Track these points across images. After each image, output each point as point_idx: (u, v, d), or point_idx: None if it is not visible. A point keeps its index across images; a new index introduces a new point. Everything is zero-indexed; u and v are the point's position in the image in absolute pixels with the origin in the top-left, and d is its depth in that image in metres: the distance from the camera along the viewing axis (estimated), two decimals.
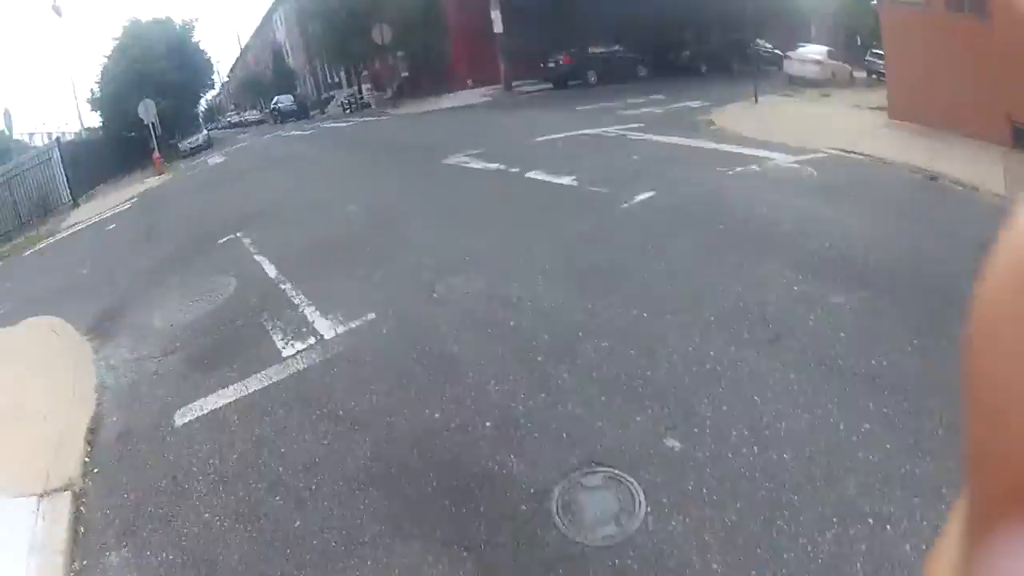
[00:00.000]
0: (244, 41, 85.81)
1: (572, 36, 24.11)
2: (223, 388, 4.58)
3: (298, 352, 4.85)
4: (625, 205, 6.85)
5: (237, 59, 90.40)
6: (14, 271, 15.19)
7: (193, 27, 45.61)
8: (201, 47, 46.74)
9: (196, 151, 36.13)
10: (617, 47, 24.95)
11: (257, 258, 7.49)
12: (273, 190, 12.07)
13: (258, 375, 4.65)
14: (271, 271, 6.87)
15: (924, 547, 2.41)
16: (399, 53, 35.74)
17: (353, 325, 5.03)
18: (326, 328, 5.10)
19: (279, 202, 10.60)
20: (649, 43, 25.58)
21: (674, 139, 10.40)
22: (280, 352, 4.92)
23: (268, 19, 69.00)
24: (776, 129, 10.10)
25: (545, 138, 11.77)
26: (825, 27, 42.39)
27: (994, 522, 0.21)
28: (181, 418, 4.30)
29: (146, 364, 5.40)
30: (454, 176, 9.54)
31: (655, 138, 10.67)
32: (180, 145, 37.62)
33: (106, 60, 41.67)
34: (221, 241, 8.90)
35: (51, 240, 17.87)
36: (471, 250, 5.95)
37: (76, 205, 24.62)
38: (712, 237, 5.77)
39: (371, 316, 5.09)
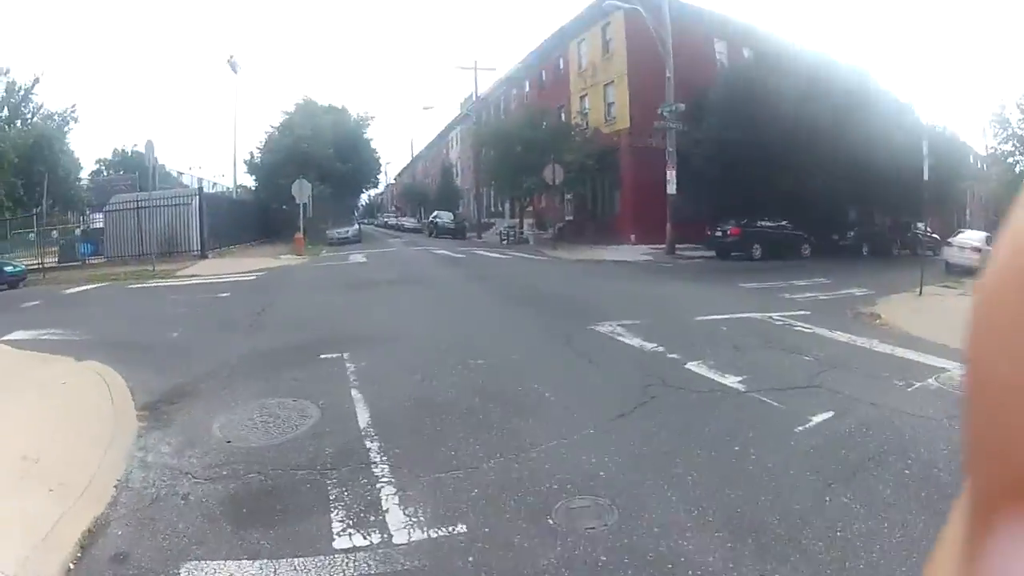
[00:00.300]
0: (417, 150, 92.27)
1: (740, 206, 24.68)
2: (247, 560, 3.79)
3: (354, 549, 3.95)
4: (800, 428, 5.67)
5: (407, 165, 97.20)
6: (105, 298, 15.79)
7: (368, 123, 49.13)
8: (372, 145, 50.07)
9: (344, 242, 37.90)
10: (784, 223, 25.66)
11: (354, 393, 6.86)
12: (400, 313, 11.76)
13: (293, 562, 3.79)
14: (363, 416, 6.15)
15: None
16: (567, 195, 37.02)
17: (434, 535, 4.09)
18: (399, 526, 4.19)
19: (402, 330, 10.16)
20: (814, 221, 26.25)
21: (843, 336, 9.61)
22: (332, 539, 4.06)
23: (444, 135, 73.98)
24: (944, 328, 9.25)
25: (708, 318, 10.92)
26: (979, 211, 41.64)
27: (995, 517, 0.22)
28: (187, 574, 3.65)
29: (182, 481, 4.82)
30: (603, 350, 8.64)
31: (824, 333, 9.80)
32: (329, 232, 39.42)
33: (272, 130, 45.04)
34: (324, 356, 8.53)
35: (160, 283, 18.58)
36: (606, 467, 4.92)
37: (203, 257, 25.82)
38: (902, 489, 4.52)
39: (461, 529, 4.14)
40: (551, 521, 4.18)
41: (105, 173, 50.31)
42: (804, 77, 24.23)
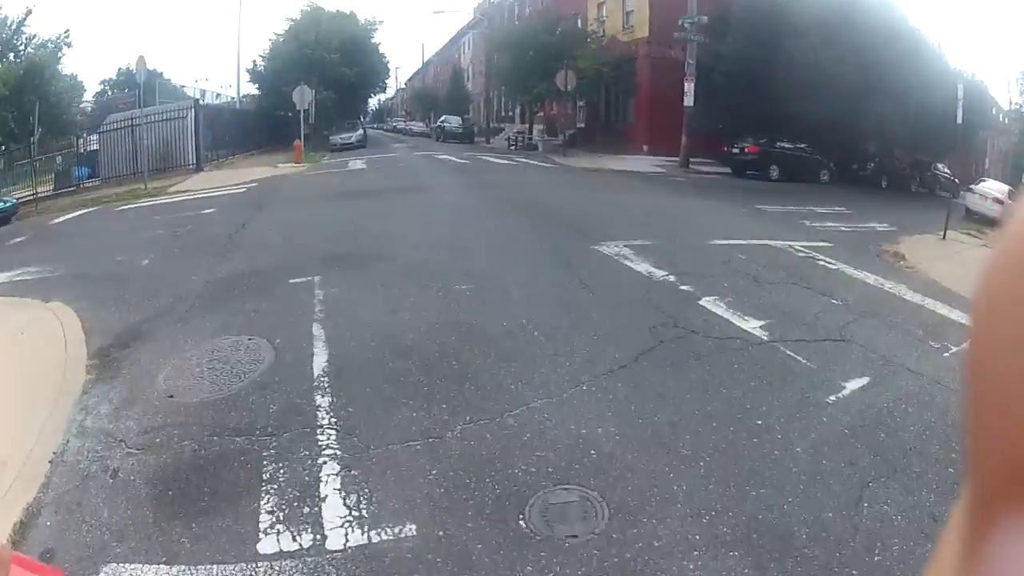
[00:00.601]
0: (429, 55, 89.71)
1: (758, 125, 23.95)
2: (164, 565, 3.25)
3: (280, 555, 3.21)
4: (832, 399, 4.76)
5: (418, 70, 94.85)
6: (90, 226, 15.28)
7: (375, 28, 47.28)
8: (380, 49, 48.25)
9: (347, 148, 36.78)
10: (803, 146, 24.70)
11: (315, 329, 6.01)
12: (387, 228, 10.67)
13: (212, 570, 3.17)
14: (319, 361, 5.33)
15: None
16: (580, 103, 35.87)
17: (376, 538, 3.28)
18: (336, 522, 3.40)
19: (385, 247, 9.15)
20: (835, 148, 25.53)
21: (870, 277, 8.55)
22: (257, 540, 3.32)
23: (456, 39, 71.88)
24: (971, 281, 8.13)
25: (725, 242, 9.79)
26: (997, 163, 44.04)
27: (996, 511, 0.22)
28: None
29: (114, 453, 4.30)
30: (606, 276, 7.64)
31: (850, 271, 8.73)
32: (332, 138, 38.32)
33: (276, 37, 43.43)
34: (293, 281, 7.68)
35: (148, 202, 18.14)
36: (599, 441, 4.03)
37: (199, 170, 24.88)
38: (948, 496, 3.64)
39: (409, 531, 3.32)
40: (523, 523, 3.32)
41: (110, 93, 49.06)
42: (832, 4, 23.21)
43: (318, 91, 34.98)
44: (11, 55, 27.87)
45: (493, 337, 5.69)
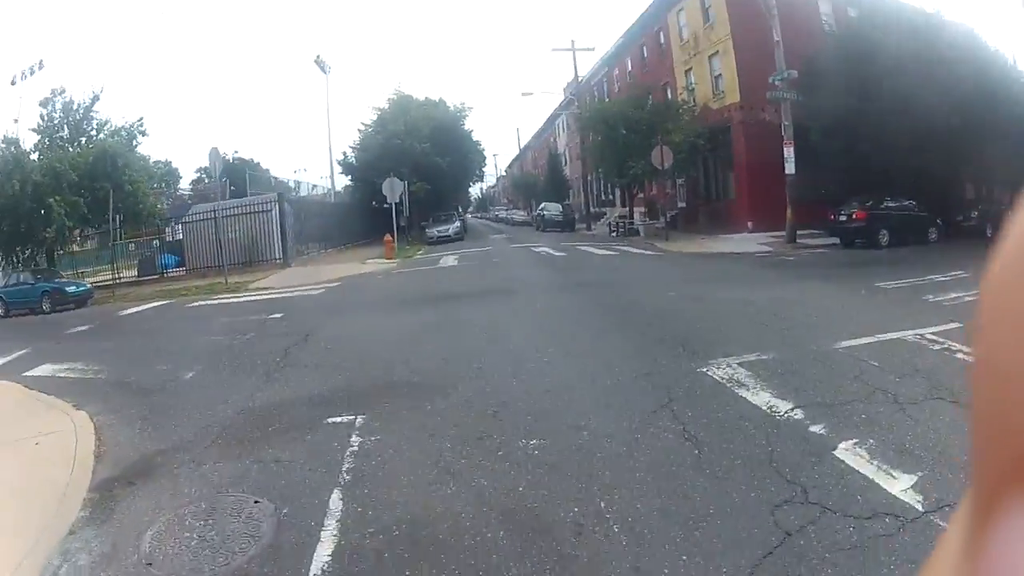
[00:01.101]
0: (525, 139, 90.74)
1: (862, 184, 22.72)
2: None
3: None
4: None
5: (516, 156, 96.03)
6: (153, 323, 15.76)
7: (466, 114, 47.39)
8: (473, 136, 48.41)
9: (444, 240, 36.57)
10: (909, 203, 23.13)
11: (333, 501, 4.76)
12: (462, 343, 9.47)
13: None
14: (321, 554, 4.07)
15: None
16: (678, 180, 35.02)
17: None
18: None
19: (448, 374, 7.88)
20: (937, 199, 23.86)
21: None
22: None
23: (550, 122, 72.33)
24: None
25: (851, 343, 8.04)
26: None
27: (1000, 500, 0.23)
28: None
29: None
30: (720, 417, 5.98)
31: None
32: (428, 231, 38.20)
33: (365, 128, 43.95)
34: (333, 420, 6.52)
35: (222, 300, 18.20)
36: None
37: (286, 265, 24.85)
38: None
39: None
40: None
41: (206, 181, 51.34)
42: (914, 37, 22.17)
43: (411, 182, 34.98)
44: (83, 140, 28.91)
45: (558, 534, 4.24)
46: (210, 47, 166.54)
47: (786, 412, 5.97)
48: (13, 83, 38.31)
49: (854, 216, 22.45)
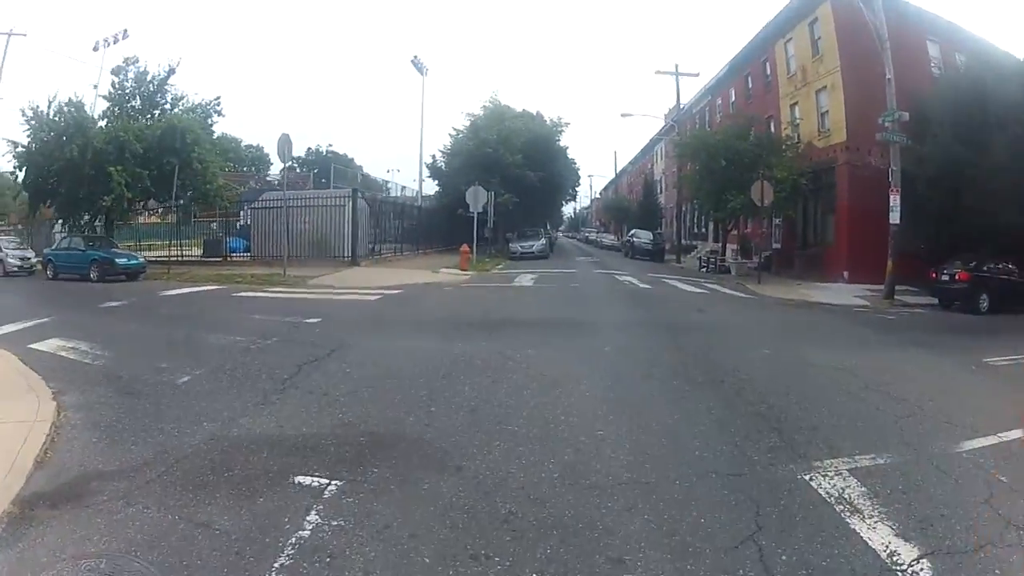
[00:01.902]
0: (622, 163, 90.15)
1: (964, 241, 21.78)
2: None
3: None
4: None
5: (612, 179, 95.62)
6: (187, 309, 15.45)
7: (561, 130, 46.47)
8: (568, 154, 47.44)
9: (527, 257, 35.73)
10: (1011, 266, 21.71)
11: None
12: (499, 392, 7.78)
13: None
14: None
15: None
16: (776, 220, 33.38)
17: None
18: None
19: (470, 439, 6.16)
20: None
21: None
22: None
23: (648, 148, 71.87)
24: None
25: (973, 445, 6.41)
26: None
27: None
28: None
29: None
30: (821, 553, 4.17)
31: None
32: (512, 245, 37.32)
33: (457, 133, 43.30)
34: (300, 481, 5.11)
35: (272, 293, 17.98)
36: None
37: (354, 264, 24.12)
38: None
39: None
40: None
41: (298, 170, 52.29)
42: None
43: (498, 193, 33.97)
44: (156, 112, 28.78)
45: None
46: (315, 40, 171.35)
47: (910, 565, 4.19)
48: (96, 48, 39.21)
49: (957, 277, 21.18)
